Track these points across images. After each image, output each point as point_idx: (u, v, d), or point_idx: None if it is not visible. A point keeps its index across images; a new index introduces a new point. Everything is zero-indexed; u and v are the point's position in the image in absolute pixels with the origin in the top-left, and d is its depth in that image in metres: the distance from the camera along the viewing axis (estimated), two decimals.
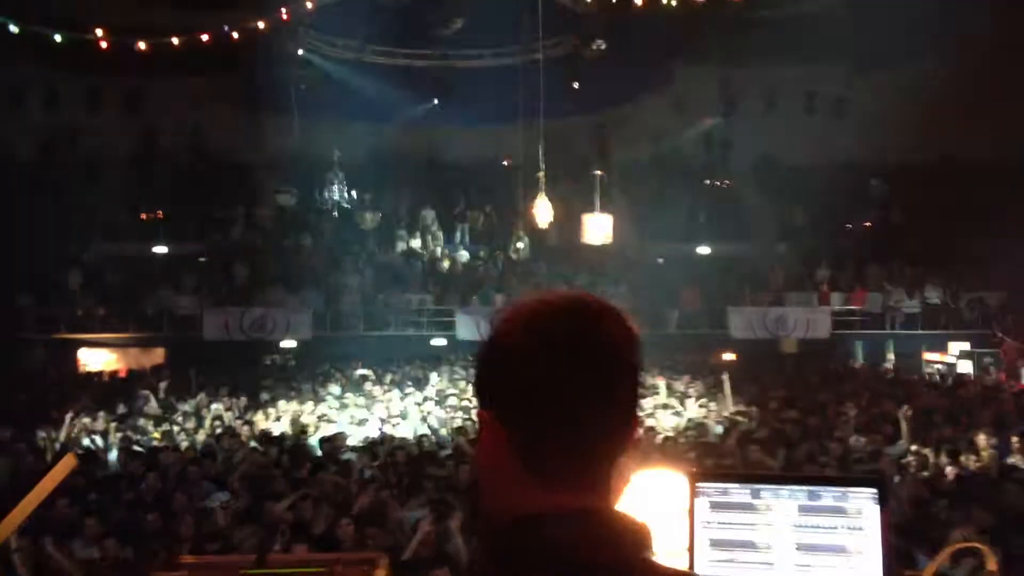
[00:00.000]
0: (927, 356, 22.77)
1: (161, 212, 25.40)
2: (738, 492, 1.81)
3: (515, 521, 1.23)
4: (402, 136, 26.36)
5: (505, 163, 25.30)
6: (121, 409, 15.57)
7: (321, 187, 23.81)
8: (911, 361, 22.46)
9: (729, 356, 22.76)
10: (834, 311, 23.19)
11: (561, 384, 1.23)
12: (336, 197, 23.52)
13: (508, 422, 1.25)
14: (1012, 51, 22.13)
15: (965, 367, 21.40)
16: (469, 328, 21.80)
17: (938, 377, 20.53)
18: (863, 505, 1.75)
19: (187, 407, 16.08)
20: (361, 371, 19.86)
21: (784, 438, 11.33)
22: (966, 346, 22.21)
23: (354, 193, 24.77)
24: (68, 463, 2.31)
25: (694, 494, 1.83)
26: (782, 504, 1.80)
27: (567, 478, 1.25)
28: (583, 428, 1.24)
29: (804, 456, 10.16)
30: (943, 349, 22.61)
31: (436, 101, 24.84)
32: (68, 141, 26.33)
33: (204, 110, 25.72)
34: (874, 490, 1.75)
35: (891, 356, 23.11)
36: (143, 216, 25.54)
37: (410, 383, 18.63)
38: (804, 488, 1.79)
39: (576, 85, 23.34)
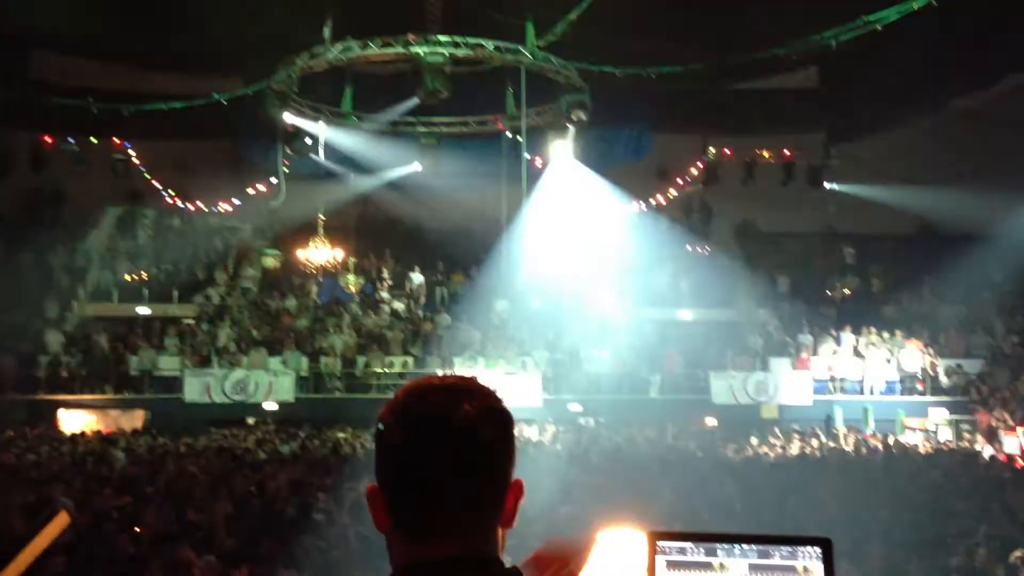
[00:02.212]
0: (907, 423, 22.84)
1: (145, 273, 25.38)
2: (694, 551, 1.91)
3: (398, 571, 1.50)
4: (386, 200, 26.63)
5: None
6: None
7: (305, 250, 23.95)
8: (891, 427, 22.54)
9: (711, 421, 22.78)
10: (814, 377, 23.34)
11: (416, 458, 1.48)
12: (320, 260, 23.65)
13: (384, 490, 1.50)
14: (987, 120, 22.77)
15: (945, 434, 21.53)
16: None
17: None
18: (810, 563, 1.85)
19: None
20: (341, 435, 19.80)
21: None
22: (945, 412, 22.33)
23: (339, 256, 24.93)
24: (61, 521, 2.36)
25: (653, 552, 1.92)
26: (735, 562, 1.88)
27: (433, 534, 1.48)
28: (438, 493, 1.47)
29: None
30: (923, 415, 22.71)
31: (419, 166, 25.15)
32: (54, 202, 26.48)
33: (190, 173, 25.95)
34: (819, 549, 1.85)
35: (871, 423, 23.19)
36: (127, 277, 25.52)
37: None
38: (755, 547, 1.89)
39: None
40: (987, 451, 18.51)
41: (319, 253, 23.49)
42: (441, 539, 1.47)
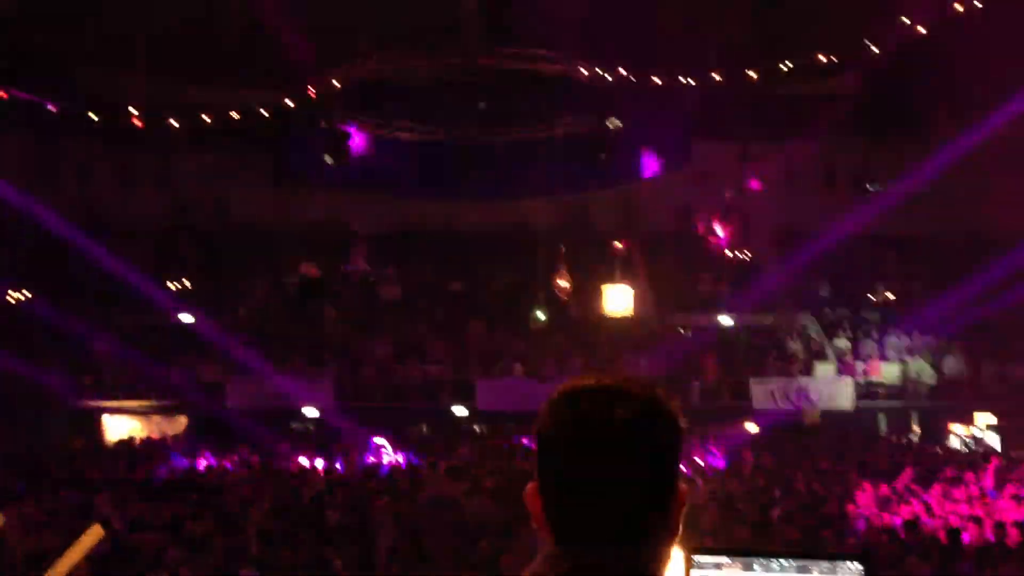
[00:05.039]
0: (953, 428, 22.43)
1: (188, 282, 25.68)
2: (731, 565, 1.90)
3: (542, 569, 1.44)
4: (425, 208, 26.72)
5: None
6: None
7: (345, 258, 24.12)
8: (936, 433, 22.16)
9: (752, 427, 22.53)
10: (857, 382, 23.02)
11: (561, 461, 1.43)
12: (359, 268, 23.81)
13: (542, 493, 1.46)
14: None
15: (993, 440, 21.13)
16: (490, 398, 21.81)
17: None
18: None
19: None
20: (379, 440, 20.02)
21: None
22: (992, 418, 21.91)
23: (379, 264, 25.05)
24: (95, 534, 2.40)
25: (689, 566, 1.91)
26: None
27: (578, 538, 1.42)
28: (593, 501, 1.41)
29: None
30: (969, 420, 22.30)
31: (458, 173, 25.26)
32: (99, 213, 26.89)
33: (231, 184, 26.24)
34: (860, 564, 1.83)
35: (916, 428, 22.82)
36: (171, 286, 25.81)
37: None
38: (794, 562, 1.88)
39: (602, 157, 23.71)
40: None
41: (359, 261, 23.65)
42: (586, 545, 1.41)
